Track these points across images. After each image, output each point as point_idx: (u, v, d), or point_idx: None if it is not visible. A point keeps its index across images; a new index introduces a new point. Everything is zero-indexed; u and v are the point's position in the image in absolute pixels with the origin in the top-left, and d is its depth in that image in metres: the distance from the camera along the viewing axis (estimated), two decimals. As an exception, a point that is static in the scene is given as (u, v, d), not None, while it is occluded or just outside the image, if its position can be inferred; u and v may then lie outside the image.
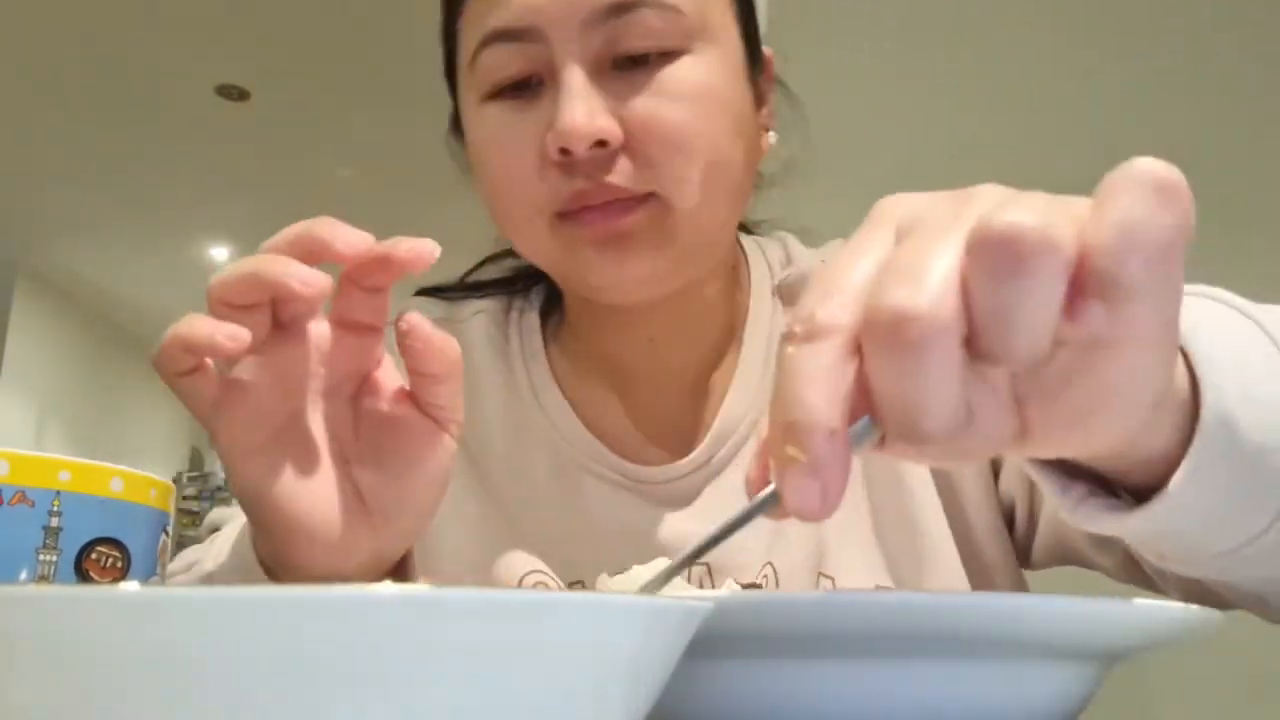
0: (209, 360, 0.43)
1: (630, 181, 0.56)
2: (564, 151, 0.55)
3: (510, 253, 0.74)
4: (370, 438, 0.47)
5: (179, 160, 4.37)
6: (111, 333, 6.27)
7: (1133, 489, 0.37)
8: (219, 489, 7.01)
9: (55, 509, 0.37)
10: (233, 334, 0.41)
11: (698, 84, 0.57)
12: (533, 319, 0.71)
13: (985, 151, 1.44)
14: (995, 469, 0.64)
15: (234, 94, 3.86)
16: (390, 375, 0.48)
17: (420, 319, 0.44)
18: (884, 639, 0.34)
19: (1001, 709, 0.35)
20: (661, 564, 0.46)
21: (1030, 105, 1.66)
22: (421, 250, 0.42)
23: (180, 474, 7.08)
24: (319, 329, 0.46)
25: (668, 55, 0.57)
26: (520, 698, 0.22)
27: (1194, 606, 0.36)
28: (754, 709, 0.35)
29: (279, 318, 0.44)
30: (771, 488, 0.30)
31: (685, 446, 0.66)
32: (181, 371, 0.43)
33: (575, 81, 0.55)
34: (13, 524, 0.36)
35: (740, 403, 0.65)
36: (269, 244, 0.44)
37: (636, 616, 0.24)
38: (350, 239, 0.42)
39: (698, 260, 0.61)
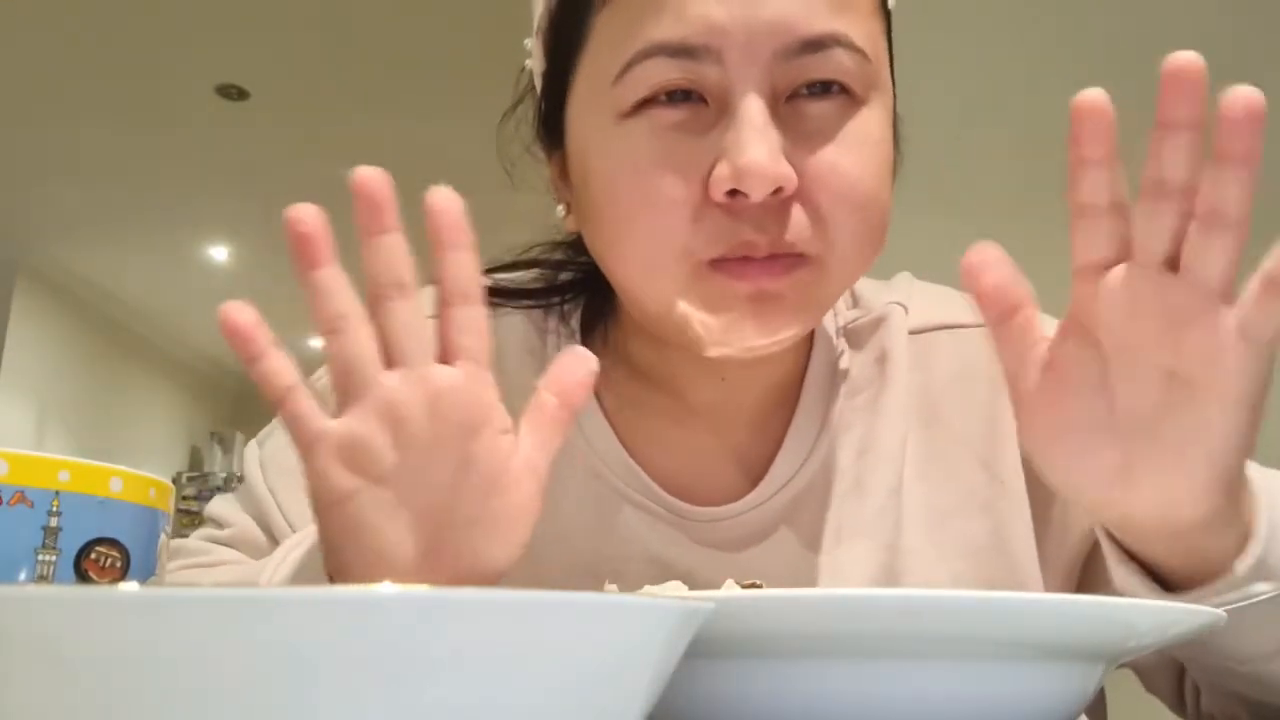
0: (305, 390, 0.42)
1: (803, 239, 0.51)
2: (734, 193, 0.50)
3: (536, 262, 0.68)
4: (473, 499, 0.44)
5: (179, 160, 4.36)
6: (111, 333, 6.26)
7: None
8: (218, 489, 7.00)
9: (54, 509, 0.37)
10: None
11: (873, 137, 0.52)
12: (574, 327, 0.65)
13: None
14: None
15: (234, 94, 3.86)
16: (501, 441, 0.44)
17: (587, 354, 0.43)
18: (884, 639, 0.34)
19: (1001, 709, 0.35)
20: (674, 587, 0.45)
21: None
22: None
23: (180, 474, 7.06)
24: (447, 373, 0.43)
25: (848, 102, 0.52)
26: (520, 698, 0.22)
27: (1196, 606, 0.36)
28: (754, 709, 0.35)
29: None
30: None
31: (737, 487, 0.62)
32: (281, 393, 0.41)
33: (756, 114, 0.49)
34: (12, 524, 0.36)
35: (804, 446, 0.62)
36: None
37: (636, 616, 0.24)
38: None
39: (821, 319, 0.58)
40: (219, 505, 0.66)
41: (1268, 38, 1.67)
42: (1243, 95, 0.37)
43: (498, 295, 0.66)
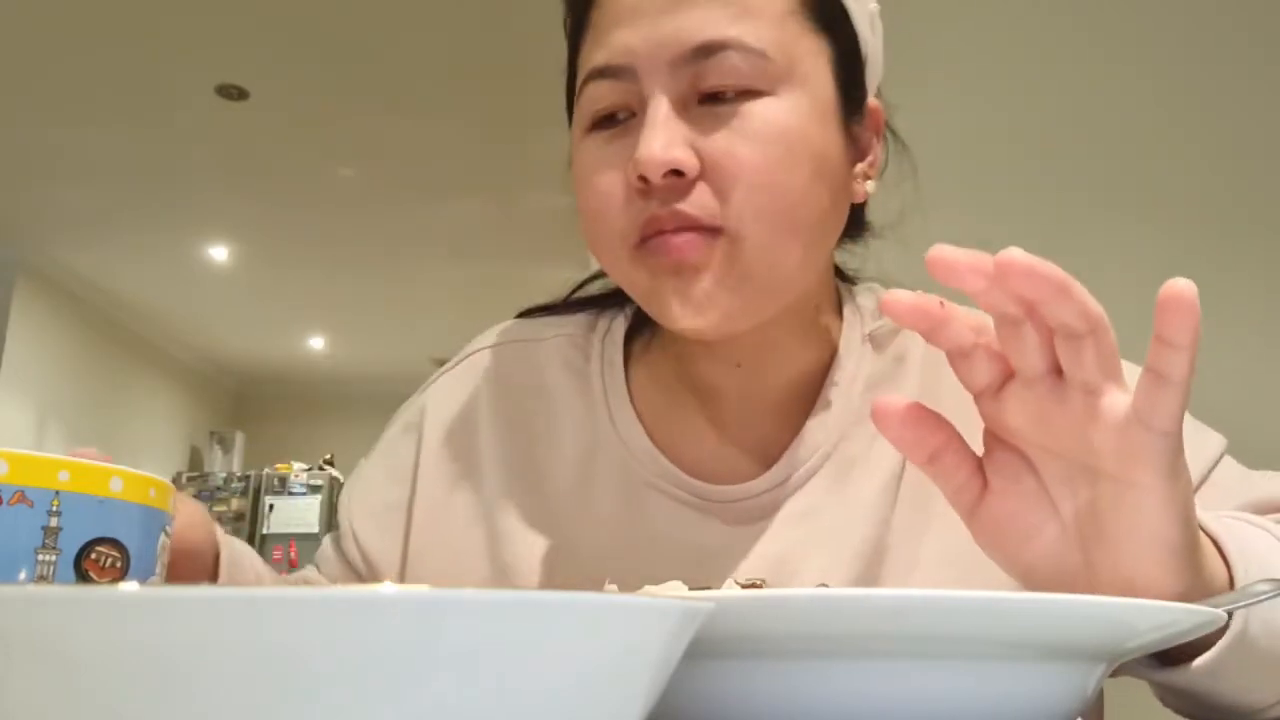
0: None
1: (702, 211, 0.58)
2: (642, 179, 0.58)
3: (581, 302, 0.77)
4: None
5: (179, 160, 4.37)
6: (111, 332, 6.27)
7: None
8: (218, 489, 7.00)
9: (54, 509, 0.37)
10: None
11: (776, 124, 0.58)
12: (618, 336, 0.73)
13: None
14: None
15: (234, 94, 3.86)
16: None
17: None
18: (884, 639, 0.34)
19: (1001, 709, 0.35)
20: (674, 586, 0.46)
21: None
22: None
23: (180, 474, 7.06)
24: None
25: (750, 95, 0.59)
26: (520, 698, 0.22)
27: (1195, 606, 0.36)
28: (754, 709, 0.35)
29: None
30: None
31: (763, 467, 0.67)
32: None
33: (658, 114, 0.58)
34: (12, 524, 0.36)
35: (820, 433, 0.67)
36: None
37: (636, 616, 0.24)
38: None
39: (772, 299, 0.62)
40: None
41: (1268, 37, 1.67)
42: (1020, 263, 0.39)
43: (568, 307, 0.77)
